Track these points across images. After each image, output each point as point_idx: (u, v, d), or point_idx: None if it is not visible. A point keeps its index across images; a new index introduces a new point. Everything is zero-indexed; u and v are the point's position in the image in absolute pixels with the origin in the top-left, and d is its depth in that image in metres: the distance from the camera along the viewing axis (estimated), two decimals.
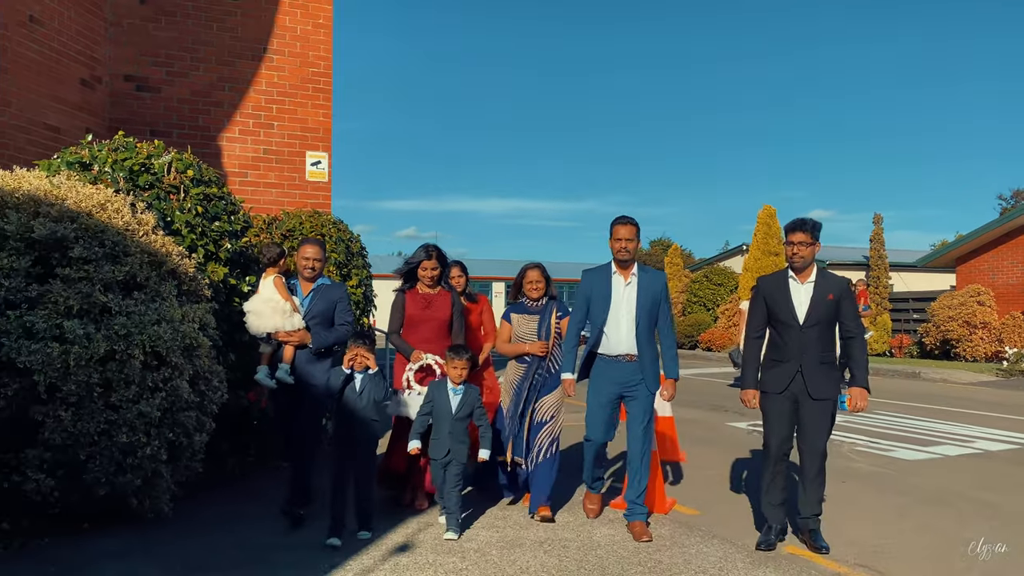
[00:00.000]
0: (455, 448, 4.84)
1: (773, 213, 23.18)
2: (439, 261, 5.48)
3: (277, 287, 5.13)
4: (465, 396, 4.92)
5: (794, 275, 4.67)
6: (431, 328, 5.39)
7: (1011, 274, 20.21)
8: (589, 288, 5.09)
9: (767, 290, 4.74)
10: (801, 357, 4.55)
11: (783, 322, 4.61)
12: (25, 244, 4.49)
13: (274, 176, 8.79)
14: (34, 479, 4.39)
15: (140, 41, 8.34)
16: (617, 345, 4.95)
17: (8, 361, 4.26)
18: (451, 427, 4.85)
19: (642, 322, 4.94)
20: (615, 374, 4.96)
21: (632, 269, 5.04)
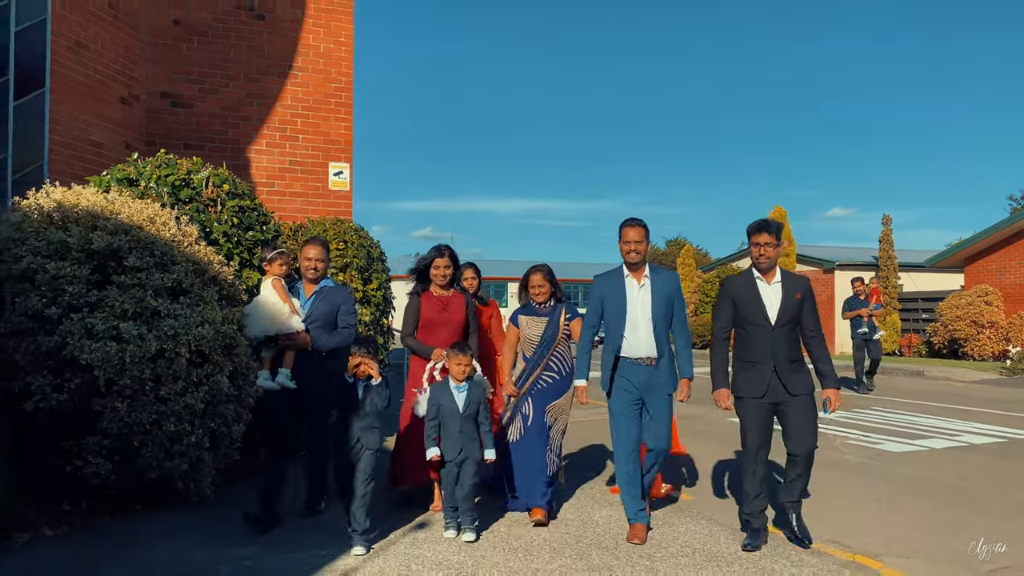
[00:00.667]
0: (467, 446, 4.80)
1: (783, 214, 23.57)
2: (452, 260, 5.49)
3: (276, 289, 5.09)
4: (470, 393, 4.88)
5: (760, 276, 4.75)
6: (448, 331, 5.38)
7: (1018, 274, 20.47)
8: (602, 292, 5.03)
9: (735, 291, 4.78)
10: (774, 357, 4.62)
11: (753, 323, 4.68)
12: (85, 254, 5.05)
13: (299, 186, 9.35)
14: (94, 463, 4.95)
15: (174, 60, 8.92)
16: (637, 348, 4.88)
17: (72, 358, 4.82)
18: (460, 425, 4.81)
19: (659, 323, 4.90)
20: (635, 378, 4.88)
21: (644, 271, 4.98)
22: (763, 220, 4.78)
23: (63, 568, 4.26)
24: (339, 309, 5.20)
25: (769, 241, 4.68)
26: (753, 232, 4.74)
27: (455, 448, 4.80)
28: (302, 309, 5.13)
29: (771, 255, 4.69)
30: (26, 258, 4.98)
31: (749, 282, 4.77)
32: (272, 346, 5.09)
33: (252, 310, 5.14)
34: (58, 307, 4.90)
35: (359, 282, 8.25)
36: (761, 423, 4.68)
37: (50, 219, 5.21)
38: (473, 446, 4.83)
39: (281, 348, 5.07)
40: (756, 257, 4.72)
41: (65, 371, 4.91)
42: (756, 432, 4.68)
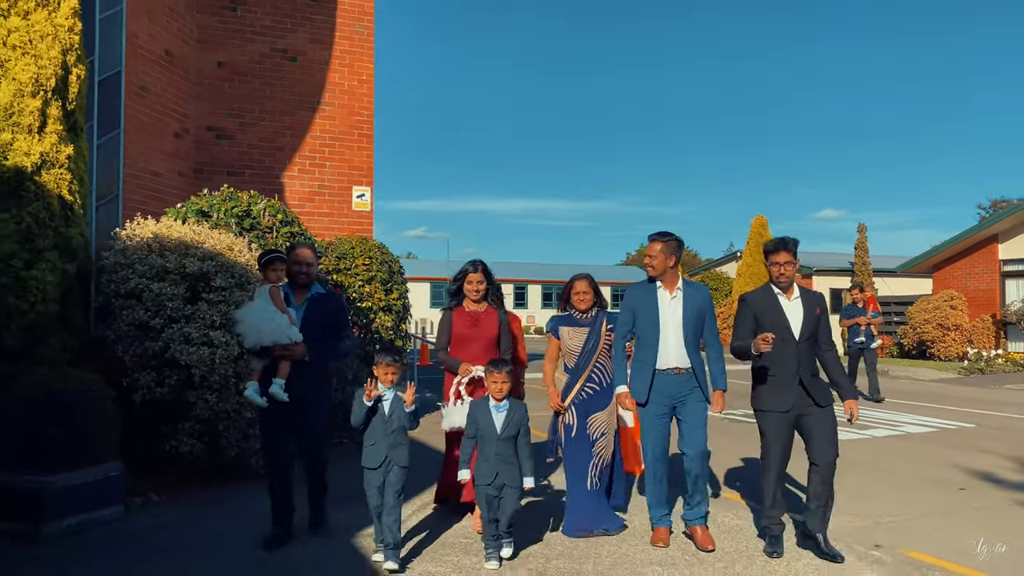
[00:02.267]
0: (504, 471, 4.55)
1: (765, 223, 24.96)
2: (485, 276, 5.55)
3: (273, 297, 4.95)
4: (510, 414, 4.64)
5: (780, 292, 4.85)
6: (480, 346, 5.42)
7: (982, 280, 21.89)
8: (635, 303, 5.12)
9: (758, 306, 4.86)
10: (799, 371, 4.72)
11: (779, 338, 4.70)
12: (181, 276, 6.31)
13: (327, 207, 10.60)
14: (188, 444, 6.21)
15: (218, 97, 10.15)
16: (667, 359, 4.96)
17: (173, 359, 6.08)
18: (497, 448, 4.58)
19: (689, 335, 4.97)
20: (666, 387, 4.96)
21: (677, 283, 5.08)
22: (781, 239, 4.88)
23: (178, 523, 5.49)
24: (335, 320, 5.13)
25: (788, 260, 4.79)
26: (771, 251, 4.83)
27: (490, 472, 4.55)
28: (296, 318, 4.96)
29: (790, 273, 4.80)
30: (133, 279, 6.23)
31: (770, 298, 4.86)
32: (265, 356, 4.90)
33: (247, 318, 4.91)
34: (160, 318, 6.16)
35: (382, 293, 9.50)
36: (784, 436, 4.75)
37: (149, 247, 6.46)
38: (511, 471, 4.56)
39: (273, 359, 4.89)
40: (776, 276, 4.80)
41: (165, 370, 6.17)
42: (779, 445, 4.75)
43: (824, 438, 4.75)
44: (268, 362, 4.89)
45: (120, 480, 5.49)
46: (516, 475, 4.58)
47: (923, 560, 4.83)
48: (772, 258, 4.82)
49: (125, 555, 4.72)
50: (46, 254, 6.13)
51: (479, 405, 4.75)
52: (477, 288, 5.56)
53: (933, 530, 5.49)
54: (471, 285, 5.56)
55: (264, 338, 4.84)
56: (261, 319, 4.85)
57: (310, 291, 5.11)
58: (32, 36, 6.22)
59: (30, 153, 6.10)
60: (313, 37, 10.59)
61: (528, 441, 4.70)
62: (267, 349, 4.87)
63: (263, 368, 4.92)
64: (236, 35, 10.21)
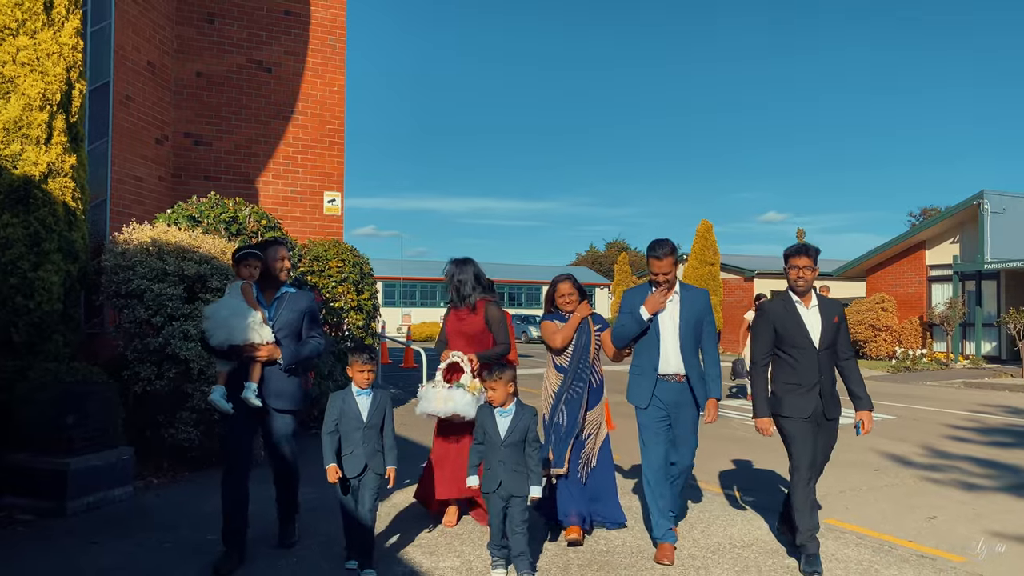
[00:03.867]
0: (508, 479, 4.32)
1: (710, 227, 26.02)
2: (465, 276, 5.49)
3: (244, 294, 4.65)
4: (515, 419, 4.41)
5: (799, 299, 4.71)
6: (464, 341, 5.42)
7: (910, 284, 23.29)
8: (632, 307, 4.95)
9: (776, 315, 4.73)
10: (821, 380, 4.64)
11: (798, 347, 4.65)
12: (179, 278, 6.86)
13: (299, 211, 11.15)
14: (185, 432, 6.77)
15: (196, 105, 10.63)
16: (665, 365, 4.83)
17: (173, 354, 6.63)
18: (502, 455, 4.35)
19: (687, 340, 4.84)
20: (664, 395, 4.83)
21: (675, 288, 4.93)
22: (802, 244, 4.77)
23: (180, 502, 6.04)
24: (305, 317, 4.86)
25: (808, 264, 4.65)
26: (792, 255, 4.70)
27: (494, 480, 4.35)
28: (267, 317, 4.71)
29: (809, 278, 4.67)
30: (135, 280, 6.76)
31: (788, 306, 4.73)
32: (232, 358, 4.61)
33: (217, 313, 4.62)
34: (161, 316, 6.71)
35: (354, 293, 10.10)
36: (810, 439, 4.66)
37: (148, 251, 6.99)
38: (517, 479, 4.33)
39: (241, 360, 4.60)
40: (794, 280, 4.68)
41: (164, 364, 6.72)
42: (806, 448, 4.65)
43: (825, 449, 4.77)
44: (236, 364, 4.60)
45: (130, 463, 6.04)
46: (522, 484, 4.33)
47: (842, 527, 5.67)
48: (792, 261, 4.69)
49: (142, 529, 5.28)
50: (51, 256, 6.64)
51: (484, 412, 4.52)
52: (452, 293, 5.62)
53: (850, 503, 6.36)
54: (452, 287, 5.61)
55: (236, 335, 4.54)
56: (232, 315, 4.56)
57: (279, 290, 4.86)
58: (39, 54, 6.71)
59: (38, 163, 6.60)
60: (287, 49, 11.12)
61: (536, 448, 4.45)
62: (235, 349, 4.56)
63: (230, 371, 4.62)
64: (214, 46, 10.70)
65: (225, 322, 4.56)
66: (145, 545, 4.94)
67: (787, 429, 4.70)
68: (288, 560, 4.70)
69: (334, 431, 4.40)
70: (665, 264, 4.82)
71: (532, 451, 4.41)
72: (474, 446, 4.52)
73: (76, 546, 4.90)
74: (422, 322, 43.97)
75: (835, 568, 4.71)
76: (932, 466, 7.86)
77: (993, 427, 10.52)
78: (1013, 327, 18.46)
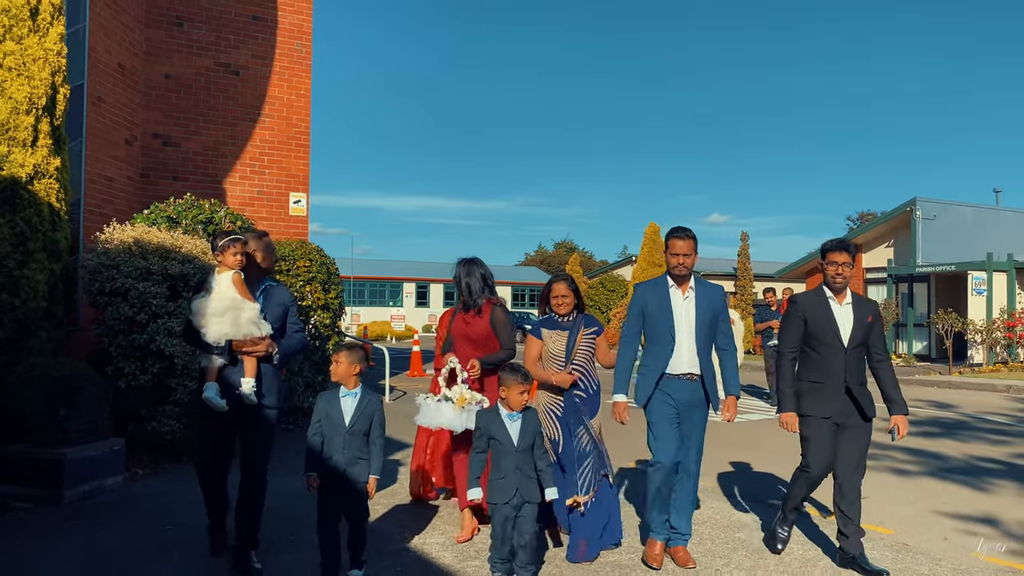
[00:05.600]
0: (524, 486, 4.10)
1: (657, 229, 26.83)
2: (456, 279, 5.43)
3: (238, 285, 4.40)
4: (525, 424, 4.18)
5: (833, 295, 4.61)
6: (465, 346, 5.29)
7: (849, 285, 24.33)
8: (644, 302, 4.75)
9: (808, 310, 4.62)
10: (847, 379, 4.53)
11: (825, 343, 4.55)
12: (163, 277, 7.12)
13: (266, 212, 11.41)
14: (168, 424, 7.05)
15: (165, 107, 10.82)
16: (679, 364, 4.63)
17: (158, 350, 6.90)
18: (516, 461, 4.11)
19: (702, 338, 4.66)
20: (676, 393, 4.63)
21: (690, 282, 4.73)
22: (840, 239, 4.71)
23: (167, 491, 6.32)
24: (288, 311, 4.69)
25: (846, 260, 4.58)
26: (831, 250, 4.61)
27: (510, 488, 4.08)
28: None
29: (847, 274, 4.59)
30: (119, 279, 7.01)
31: (821, 301, 4.63)
32: (223, 353, 4.43)
33: (211, 309, 4.36)
34: (145, 314, 6.97)
35: (321, 292, 10.40)
36: (828, 441, 4.56)
37: (131, 251, 7.24)
38: (531, 486, 4.13)
39: (232, 356, 4.45)
40: (832, 276, 4.58)
41: (148, 359, 6.98)
42: (822, 450, 4.56)
43: (853, 455, 4.57)
44: (228, 360, 4.43)
45: (121, 453, 6.32)
46: (535, 490, 4.14)
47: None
48: (830, 257, 4.59)
49: (140, 514, 5.58)
50: (36, 255, 6.85)
51: (490, 417, 4.22)
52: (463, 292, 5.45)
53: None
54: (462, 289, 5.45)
55: (241, 330, 4.36)
56: (233, 308, 4.33)
57: (263, 282, 4.64)
58: (26, 59, 6.92)
59: (24, 165, 6.81)
60: (255, 53, 11.37)
61: (544, 449, 4.28)
62: (229, 344, 4.39)
63: (220, 367, 4.44)
64: (183, 49, 10.89)
65: (223, 317, 4.33)
66: (147, 528, 5.25)
67: (804, 428, 4.61)
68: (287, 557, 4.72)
69: (317, 433, 4.17)
70: (685, 245, 4.64)
71: (541, 452, 4.23)
72: (475, 455, 4.21)
73: (80, 530, 5.19)
74: (372, 321, 44.01)
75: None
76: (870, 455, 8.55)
77: (922, 419, 11.32)
78: (941, 327, 19.52)
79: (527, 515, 4.09)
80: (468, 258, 5.49)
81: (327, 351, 10.13)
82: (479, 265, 5.45)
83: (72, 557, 4.66)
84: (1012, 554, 5.18)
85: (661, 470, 4.58)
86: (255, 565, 4.40)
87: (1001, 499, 6.65)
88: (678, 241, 4.67)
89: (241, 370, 4.45)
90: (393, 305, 48.93)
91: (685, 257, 4.65)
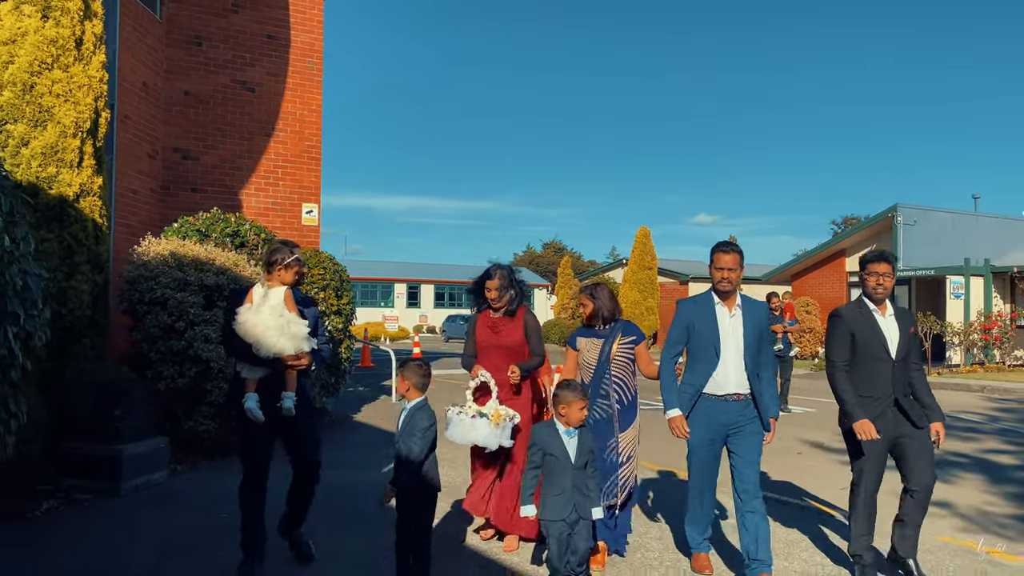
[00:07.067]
0: (580, 503, 4.10)
1: (648, 233, 27.53)
2: (503, 281, 5.15)
3: (288, 302, 4.55)
4: (581, 441, 4.18)
5: (875, 307, 4.57)
6: (499, 354, 5.11)
7: (832, 288, 25.14)
8: (689, 319, 4.67)
9: (854, 323, 4.56)
10: (894, 392, 4.48)
11: (873, 356, 4.50)
12: (199, 287, 7.71)
13: (279, 222, 11.98)
14: (204, 424, 7.63)
15: (184, 122, 11.38)
16: (725, 383, 4.55)
17: (196, 355, 7.49)
18: (574, 478, 4.11)
19: (750, 357, 4.56)
20: (722, 415, 4.55)
21: (736, 300, 4.63)
22: (881, 250, 4.67)
23: (207, 485, 6.91)
24: (317, 323, 4.85)
25: (887, 271, 4.54)
26: (872, 261, 4.58)
27: (566, 505, 4.08)
28: None
29: (888, 285, 4.56)
30: (158, 289, 7.59)
31: (866, 314, 4.58)
32: (266, 366, 4.55)
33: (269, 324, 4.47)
34: (183, 322, 7.55)
35: (334, 299, 10.99)
36: (881, 458, 4.52)
37: (167, 263, 7.82)
38: (586, 503, 4.14)
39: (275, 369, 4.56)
40: (873, 287, 4.56)
41: (186, 364, 7.57)
42: (875, 466, 4.53)
43: (923, 461, 4.50)
44: (268, 372, 4.56)
45: (167, 451, 6.91)
46: (590, 509, 4.14)
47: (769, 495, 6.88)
48: (871, 268, 4.55)
49: (188, 505, 6.18)
50: (82, 267, 7.43)
51: (547, 432, 4.20)
52: (493, 297, 5.20)
53: (779, 479, 7.60)
54: (490, 293, 5.20)
55: (294, 346, 4.50)
56: (288, 324, 4.49)
57: (295, 295, 4.74)
58: (72, 86, 7.48)
59: (72, 184, 7.38)
60: (269, 71, 11.94)
61: (595, 469, 4.32)
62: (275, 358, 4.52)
63: (259, 379, 4.59)
64: (201, 67, 11.46)
65: (276, 333, 4.46)
66: (200, 516, 5.86)
67: (853, 445, 4.56)
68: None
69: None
70: (731, 259, 4.55)
71: (592, 472, 4.25)
72: (529, 471, 4.17)
73: (143, 517, 5.79)
74: (365, 322, 44.51)
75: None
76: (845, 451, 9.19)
77: None
78: (921, 330, 20.30)
79: (581, 532, 4.11)
80: (502, 263, 5.29)
81: (339, 354, 10.71)
82: (512, 269, 5.32)
83: (145, 541, 5.26)
84: (959, 531, 5.85)
85: (699, 490, 4.66)
86: (310, 550, 4.85)
87: (961, 489, 7.31)
88: (724, 256, 4.58)
89: (277, 382, 4.58)
90: (385, 306, 49.39)
91: (730, 272, 4.55)
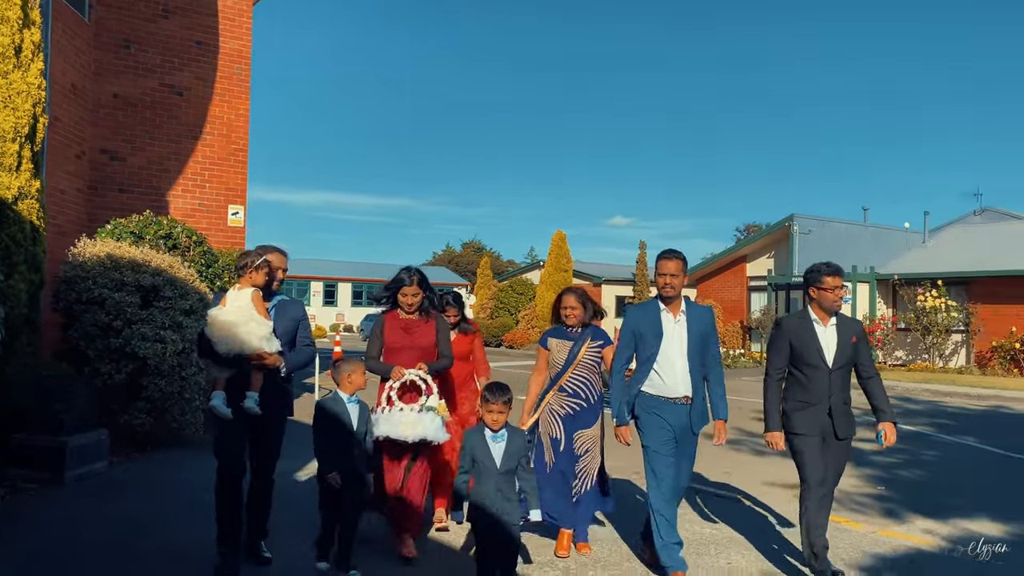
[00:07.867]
0: (503, 508, 4.10)
1: (564, 236, 28.49)
2: (421, 287, 5.18)
3: (256, 302, 4.61)
4: (509, 444, 4.18)
5: (818, 318, 4.74)
6: (412, 356, 5.07)
7: (733, 292, 26.63)
8: (636, 325, 4.85)
9: (792, 332, 4.74)
10: (829, 399, 4.66)
11: (811, 364, 4.68)
12: (136, 288, 8.08)
13: (206, 223, 12.29)
14: (140, 418, 8.01)
15: (112, 124, 11.58)
16: (674, 387, 4.73)
17: (132, 352, 7.86)
18: (497, 483, 4.12)
19: (694, 361, 4.75)
20: (671, 417, 4.72)
21: (680, 305, 4.82)
22: (837, 266, 4.82)
23: (144, 474, 7.31)
24: (299, 325, 4.91)
25: (841, 283, 4.76)
26: (830, 275, 4.75)
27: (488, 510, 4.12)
28: None
29: (840, 296, 4.76)
30: (95, 289, 7.93)
31: (806, 323, 4.76)
32: (232, 365, 4.59)
33: (232, 323, 4.54)
34: (120, 321, 7.92)
35: None
36: (820, 454, 4.68)
37: (104, 264, 8.16)
38: (510, 508, 4.13)
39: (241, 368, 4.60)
40: (833, 301, 4.73)
41: (122, 361, 7.93)
42: (816, 463, 4.67)
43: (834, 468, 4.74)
44: (236, 372, 4.61)
45: (106, 442, 7.29)
46: (516, 513, 4.15)
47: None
48: (829, 282, 4.74)
49: (130, 492, 6.59)
50: (19, 267, 7.72)
51: (475, 436, 4.23)
52: (411, 302, 5.21)
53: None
54: (405, 298, 5.20)
55: (248, 345, 4.54)
56: (245, 324, 4.52)
57: (274, 298, 4.86)
58: (11, 92, 7.76)
59: (10, 187, 7.66)
60: (197, 75, 12.24)
61: (531, 471, 4.38)
62: (238, 357, 4.56)
63: (227, 378, 4.63)
64: (129, 70, 11.68)
65: (246, 332, 4.53)
66: (151, 500, 6.32)
67: (797, 445, 4.71)
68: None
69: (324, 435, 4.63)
70: (673, 266, 4.73)
71: (527, 474, 4.27)
72: (460, 474, 4.23)
73: (96, 504, 6.19)
74: None
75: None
76: (736, 440, 10.17)
77: None
78: None
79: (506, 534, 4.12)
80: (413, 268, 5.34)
81: None
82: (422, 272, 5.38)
83: (95, 524, 5.69)
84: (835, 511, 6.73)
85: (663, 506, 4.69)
86: (265, 555, 4.90)
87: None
88: (667, 262, 4.75)
89: (245, 382, 4.63)
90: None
91: (672, 277, 4.73)
